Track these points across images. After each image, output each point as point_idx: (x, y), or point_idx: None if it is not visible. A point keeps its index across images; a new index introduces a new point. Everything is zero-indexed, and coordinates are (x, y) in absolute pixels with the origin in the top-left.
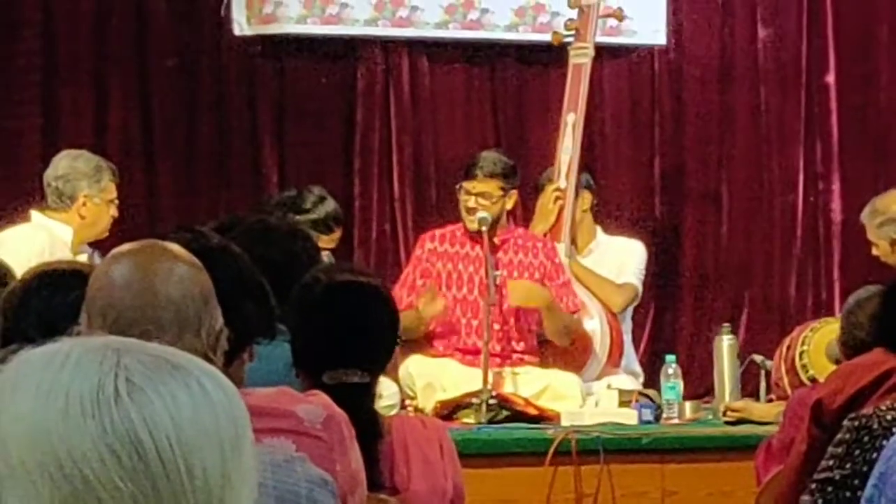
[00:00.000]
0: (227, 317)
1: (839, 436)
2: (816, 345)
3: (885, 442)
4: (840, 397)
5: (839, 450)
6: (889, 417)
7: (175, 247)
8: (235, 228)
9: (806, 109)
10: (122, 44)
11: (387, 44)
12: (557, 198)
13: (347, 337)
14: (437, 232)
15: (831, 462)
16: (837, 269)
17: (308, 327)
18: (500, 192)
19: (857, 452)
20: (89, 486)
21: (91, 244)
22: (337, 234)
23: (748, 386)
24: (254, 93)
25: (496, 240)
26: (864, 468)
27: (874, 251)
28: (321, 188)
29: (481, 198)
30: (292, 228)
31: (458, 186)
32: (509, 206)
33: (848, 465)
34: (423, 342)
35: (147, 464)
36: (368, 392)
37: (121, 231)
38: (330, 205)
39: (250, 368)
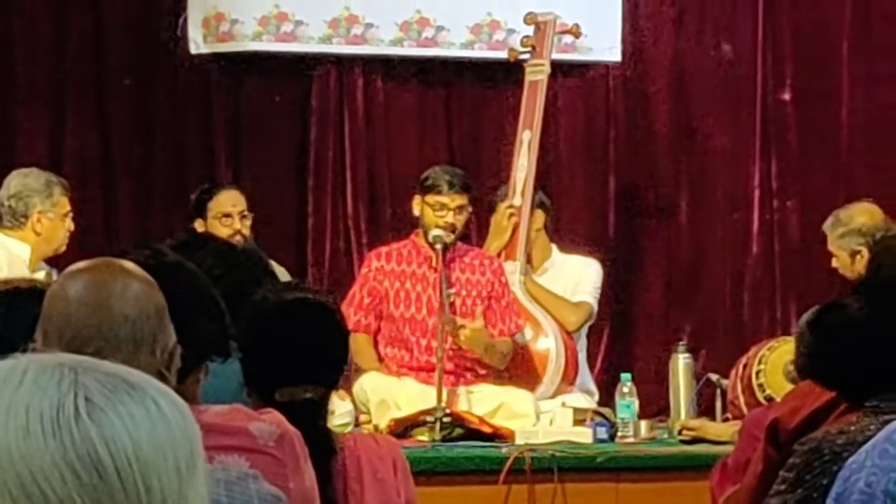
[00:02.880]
0: (182, 333)
1: (791, 460)
2: (773, 364)
3: (835, 467)
4: (797, 417)
5: (790, 474)
6: (839, 442)
7: (129, 264)
8: (202, 249)
9: (762, 126)
10: (79, 63)
11: (341, 61)
12: (511, 215)
13: (298, 354)
14: (384, 250)
15: (783, 487)
16: (796, 287)
17: (259, 345)
18: (469, 206)
19: (807, 477)
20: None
21: (49, 262)
22: None
23: (704, 405)
24: (209, 110)
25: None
26: (815, 494)
27: (833, 263)
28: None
29: (457, 212)
30: (256, 252)
31: (422, 200)
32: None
33: (799, 490)
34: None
35: (107, 482)
36: (321, 409)
37: (79, 249)
38: None
39: (204, 386)
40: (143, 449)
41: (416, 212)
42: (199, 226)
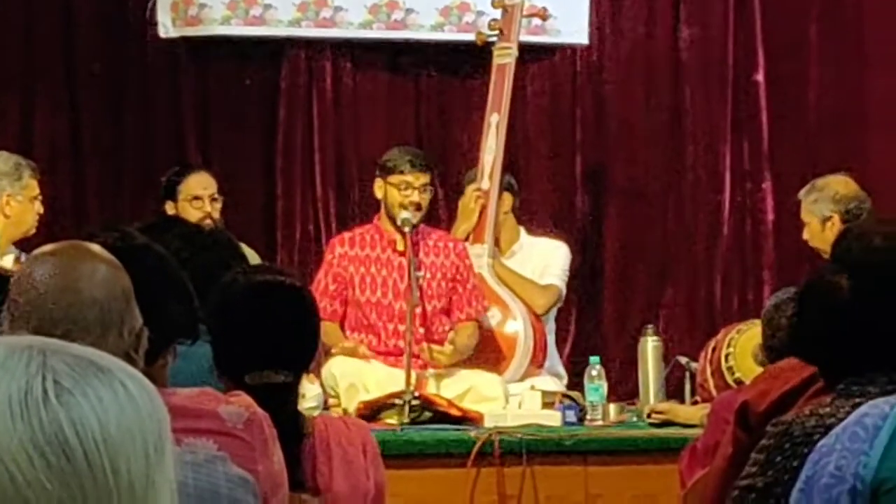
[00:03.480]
0: (149, 316)
1: (762, 442)
2: (743, 347)
3: (806, 449)
4: (766, 400)
5: (761, 456)
6: (811, 423)
7: (96, 247)
8: (170, 231)
9: (733, 108)
10: (48, 49)
11: (310, 44)
12: (478, 198)
13: (269, 337)
14: (347, 235)
15: (754, 469)
16: (768, 269)
17: (229, 328)
18: (430, 185)
19: (778, 459)
20: (17, 486)
21: (18, 245)
22: None
23: (673, 388)
24: (178, 94)
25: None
26: (786, 476)
27: (805, 234)
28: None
29: (422, 190)
30: (225, 235)
31: (385, 182)
32: None
33: (770, 473)
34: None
35: (74, 466)
36: (291, 392)
37: (48, 232)
38: None
39: (172, 368)
40: (111, 432)
41: (379, 195)
42: (169, 209)
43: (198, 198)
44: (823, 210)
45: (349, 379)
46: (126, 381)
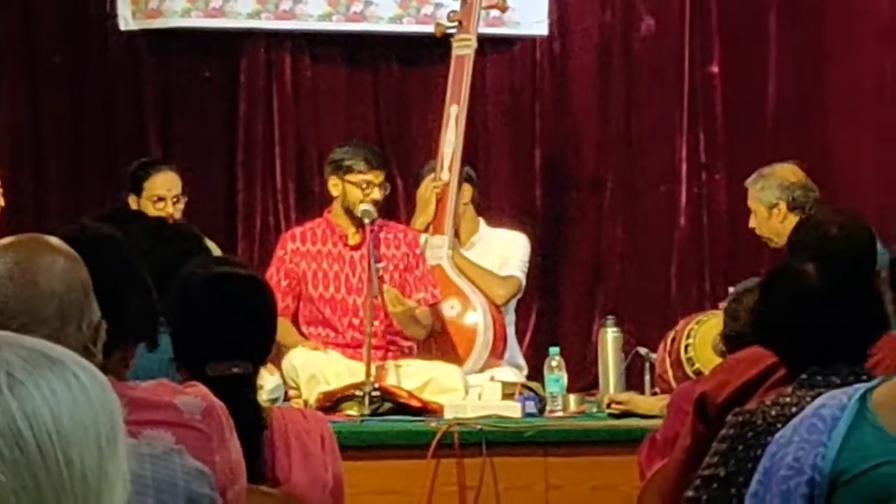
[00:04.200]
0: (109, 309)
1: (723, 431)
2: (702, 338)
3: (768, 438)
4: (725, 391)
5: (723, 446)
6: (773, 413)
7: (54, 240)
8: (133, 223)
9: (689, 99)
10: (9, 42)
11: (270, 37)
12: (434, 188)
13: (227, 329)
14: (298, 231)
15: (715, 458)
16: (725, 260)
17: (188, 320)
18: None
19: (740, 448)
20: None
21: None
22: None
23: (633, 379)
24: (139, 87)
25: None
26: (749, 465)
27: (751, 222)
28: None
29: (381, 188)
30: (188, 228)
31: (342, 179)
32: None
33: (732, 462)
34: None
35: (28, 457)
36: (250, 383)
37: (8, 227)
38: None
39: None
40: (64, 424)
41: (335, 192)
42: (132, 202)
43: (161, 199)
44: (770, 197)
45: (310, 370)
46: (79, 373)
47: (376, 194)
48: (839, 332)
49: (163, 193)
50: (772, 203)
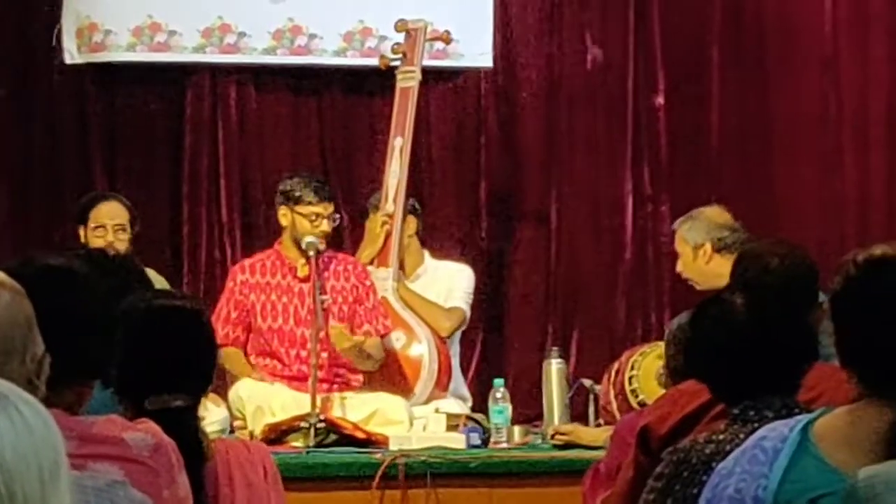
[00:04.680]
0: (64, 344)
1: (658, 469)
2: (646, 370)
3: (704, 477)
4: (667, 424)
5: (659, 484)
6: (707, 451)
7: None
8: (75, 255)
9: (634, 131)
10: None
11: (215, 70)
12: (385, 223)
13: (167, 361)
14: (247, 262)
15: (651, 496)
16: (668, 292)
17: (128, 353)
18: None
19: (677, 487)
20: None
21: None
22: None
23: (577, 410)
24: (85, 120)
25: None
26: (685, 503)
27: (678, 266)
28: None
29: (330, 220)
30: (129, 260)
31: (292, 210)
32: None
33: (668, 500)
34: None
35: None
36: (191, 416)
37: None
38: None
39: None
40: (7, 457)
41: (284, 223)
42: (81, 233)
43: (101, 226)
44: (696, 237)
45: (256, 402)
46: (22, 408)
47: (325, 226)
48: (766, 364)
49: (104, 222)
50: (698, 243)
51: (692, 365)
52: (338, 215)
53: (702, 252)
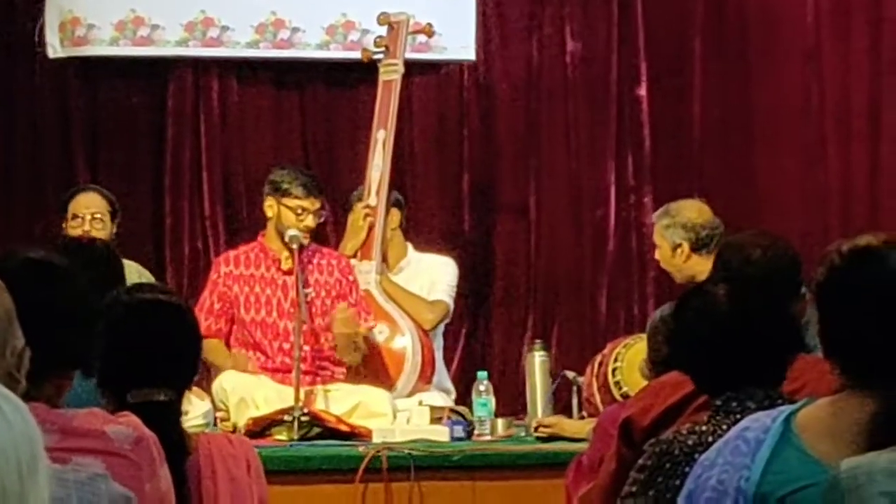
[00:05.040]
0: (44, 336)
1: (641, 461)
2: (629, 361)
3: (687, 469)
4: (649, 415)
5: (641, 476)
6: (690, 442)
7: None
8: (52, 245)
9: (617, 122)
10: None
11: (198, 64)
12: (367, 215)
13: (150, 355)
14: (231, 254)
15: (634, 488)
16: (652, 283)
17: (111, 347)
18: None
19: (659, 479)
20: None
21: None
22: None
23: (561, 403)
24: (67, 114)
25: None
26: (668, 495)
27: (657, 254)
28: None
29: (315, 215)
30: (106, 251)
31: (278, 202)
32: None
33: (651, 492)
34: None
35: None
36: (174, 410)
37: None
38: None
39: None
40: None
41: (270, 213)
42: (63, 225)
43: (77, 216)
44: (674, 237)
45: (239, 394)
46: (0, 402)
47: (310, 221)
48: (749, 355)
49: (80, 212)
50: (675, 243)
51: (675, 357)
52: (325, 212)
53: (679, 251)
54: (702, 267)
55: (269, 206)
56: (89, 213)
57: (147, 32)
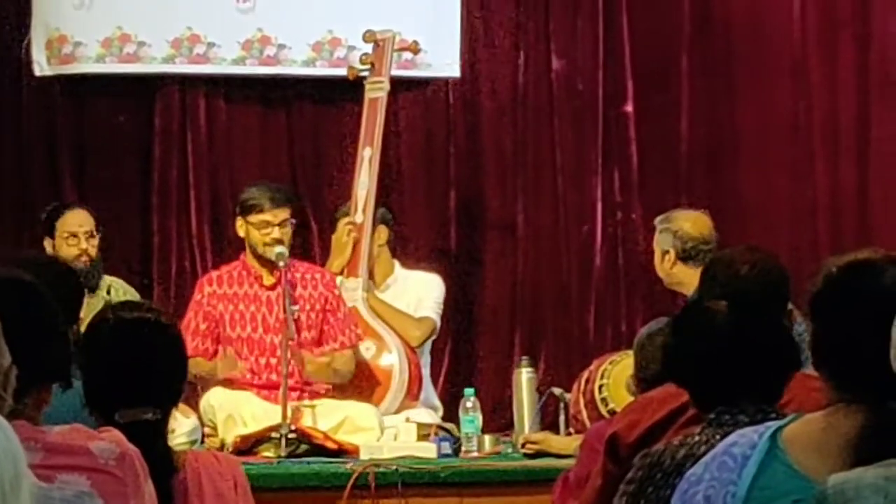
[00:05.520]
0: (23, 351)
1: (631, 473)
2: (616, 378)
3: (677, 480)
4: (636, 431)
5: (631, 487)
6: (681, 454)
7: None
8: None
9: (604, 139)
10: None
11: (184, 81)
12: (350, 231)
13: (137, 375)
14: (214, 274)
15: (624, 500)
16: (640, 300)
17: (98, 366)
18: (292, 218)
19: (649, 490)
20: None
21: None
22: None
23: (548, 419)
24: (54, 131)
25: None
26: None
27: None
28: None
29: (282, 226)
30: (69, 270)
31: (245, 221)
32: None
33: (641, 503)
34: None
35: None
36: (161, 429)
37: None
38: None
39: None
40: None
41: (241, 233)
42: (48, 245)
43: (73, 235)
44: (664, 244)
45: (227, 410)
46: None
47: (276, 234)
48: (748, 370)
49: (75, 230)
50: (664, 250)
51: (673, 371)
52: (293, 220)
53: (667, 258)
54: (688, 277)
55: (240, 226)
56: (83, 231)
57: (133, 49)
